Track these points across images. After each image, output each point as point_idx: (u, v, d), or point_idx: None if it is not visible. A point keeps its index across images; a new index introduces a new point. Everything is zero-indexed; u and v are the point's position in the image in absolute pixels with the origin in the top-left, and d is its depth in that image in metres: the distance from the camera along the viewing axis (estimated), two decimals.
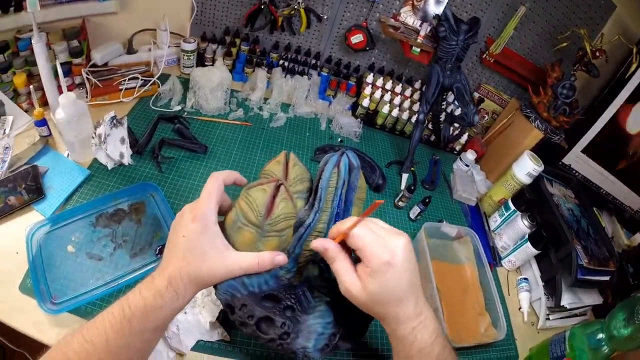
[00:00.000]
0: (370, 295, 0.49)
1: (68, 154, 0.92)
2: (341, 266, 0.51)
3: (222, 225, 0.55)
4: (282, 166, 0.60)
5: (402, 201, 1.00)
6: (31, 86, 0.95)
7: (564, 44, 1.16)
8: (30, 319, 0.65)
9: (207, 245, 0.51)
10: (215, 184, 0.53)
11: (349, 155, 0.58)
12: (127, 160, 0.90)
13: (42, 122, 0.91)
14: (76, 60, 1.04)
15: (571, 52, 1.18)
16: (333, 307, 0.59)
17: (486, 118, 1.34)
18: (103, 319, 0.48)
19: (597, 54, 1.08)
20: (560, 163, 1.25)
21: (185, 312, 0.68)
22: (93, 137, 0.89)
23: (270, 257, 0.53)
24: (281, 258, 0.54)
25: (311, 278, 0.60)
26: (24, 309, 0.65)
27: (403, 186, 1.06)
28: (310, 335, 0.56)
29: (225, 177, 0.55)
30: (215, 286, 0.55)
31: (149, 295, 0.48)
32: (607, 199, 1.37)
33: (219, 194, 0.53)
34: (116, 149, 0.89)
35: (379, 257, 0.48)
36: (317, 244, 0.53)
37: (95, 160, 0.91)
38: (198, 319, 0.69)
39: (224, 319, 0.69)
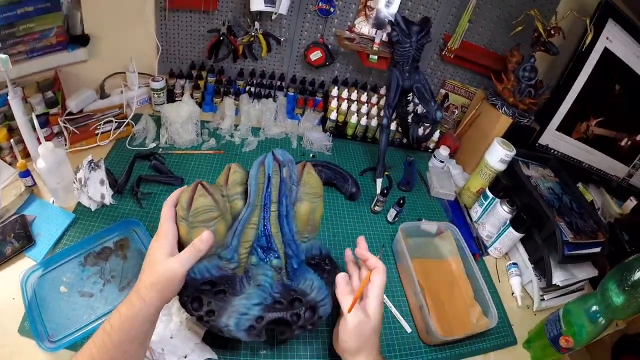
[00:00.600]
0: (347, 332, 0.62)
1: (53, 201, 0.95)
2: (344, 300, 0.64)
3: None
4: (224, 175, 0.69)
5: (377, 206, 1.02)
6: (12, 140, 0.97)
7: (519, 28, 1.18)
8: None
9: (161, 254, 0.60)
10: (167, 208, 0.65)
11: (274, 153, 0.67)
12: (108, 200, 0.93)
13: (25, 173, 0.94)
14: (52, 110, 1.07)
15: (528, 35, 1.20)
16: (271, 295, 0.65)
17: (456, 112, 1.36)
18: (89, 342, 0.55)
19: (553, 32, 1.10)
20: (537, 144, 1.27)
21: (172, 337, 0.70)
22: (74, 182, 0.91)
23: (198, 239, 0.61)
24: (206, 235, 0.62)
25: (251, 268, 0.67)
26: (24, 351, 0.67)
27: (378, 191, 1.08)
28: (232, 314, 0.61)
29: (173, 199, 0.66)
30: None
31: (123, 308, 0.56)
32: (590, 172, 1.38)
33: (172, 214, 0.64)
34: (97, 190, 0.92)
35: (375, 305, 0.63)
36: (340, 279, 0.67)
37: (78, 203, 0.93)
38: (184, 341, 0.70)
39: (211, 339, 0.71)
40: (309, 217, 0.70)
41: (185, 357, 0.69)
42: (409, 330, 0.82)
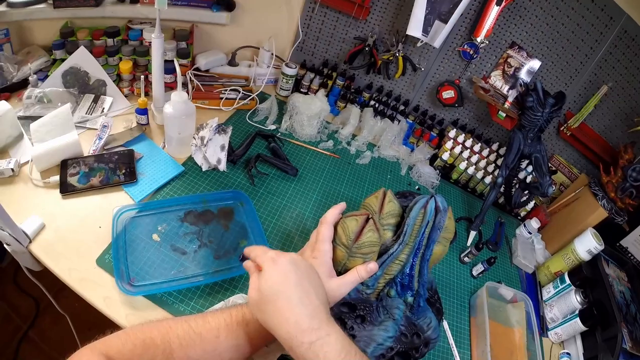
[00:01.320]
0: (258, 293, 0.51)
1: (164, 147, 0.97)
2: (252, 277, 0.55)
3: None
4: (379, 201, 0.72)
5: (468, 257, 1.06)
6: (142, 76, 1.02)
7: None
8: (102, 293, 0.68)
9: (322, 274, 0.61)
10: (328, 228, 0.65)
11: (436, 199, 0.70)
12: (222, 166, 0.95)
13: (144, 111, 0.97)
14: (182, 61, 1.11)
15: None
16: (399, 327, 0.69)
17: (554, 189, 1.38)
18: (217, 317, 0.55)
19: None
20: (618, 244, 1.28)
21: None
22: (194, 138, 0.94)
23: (364, 267, 0.64)
24: (372, 265, 0.64)
25: (386, 297, 0.71)
26: (97, 282, 0.69)
27: (469, 243, 1.12)
28: (371, 343, 0.65)
29: (332, 218, 0.66)
30: None
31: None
32: None
33: (331, 235, 0.65)
34: (215, 154, 0.94)
35: (266, 255, 0.54)
36: (247, 264, 0.60)
37: (190, 159, 0.95)
38: None
39: None
40: (439, 258, 0.74)
41: None
42: None
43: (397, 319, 0.69)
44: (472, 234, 1.13)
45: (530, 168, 1.28)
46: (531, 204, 1.28)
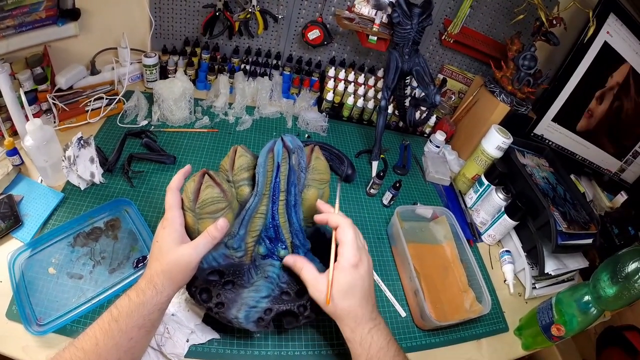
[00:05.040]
0: (337, 292, 0.59)
1: (41, 180, 0.92)
2: (309, 273, 0.61)
3: None
4: (230, 159, 0.67)
5: (373, 188, 1.00)
6: None
7: (521, 17, 1.17)
8: (19, 344, 0.65)
9: (172, 242, 0.59)
10: (172, 195, 0.62)
11: (284, 139, 0.64)
12: (98, 179, 0.90)
13: (13, 152, 0.91)
14: (41, 87, 1.03)
15: (529, 24, 1.19)
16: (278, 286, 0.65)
17: (453, 98, 1.35)
18: (93, 326, 0.54)
19: (555, 22, 1.09)
20: (532, 134, 1.27)
21: (173, 314, 0.70)
22: (63, 160, 0.89)
23: (214, 226, 0.61)
24: (221, 222, 0.61)
25: (258, 257, 0.66)
26: (11, 335, 0.66)
27: (374, 174, 1.07)
28: (242, 307, 0.61)
29: (176, 184, 0.63)
30: None
31: (132, 294, 0.55)
32: (583, 165, 1.39)
33: (178, 200, 0.62)
34: (86, 169, 0.89)
35: (351, 258, 0.59)
36: (288, 259, 0.64)
37: (67, 182, 0.91)
38: (186, 322, 0.69)
39: (211, 319, 0.70)
40: (315, 203, 0.68)
41: (191, 332, 0.68)
42: (403, 314, 0.82)
43: (271, 277, 0.63)
44: (375, 164, 1.07)
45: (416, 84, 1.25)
46: (433, 119, 1.24)
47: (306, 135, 1.15)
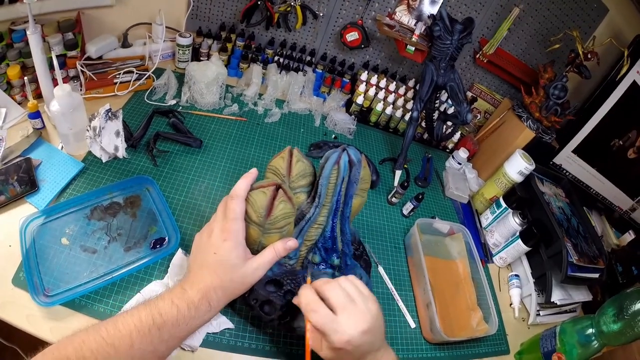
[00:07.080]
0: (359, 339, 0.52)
1: (62, 147, 0.91)
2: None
3: None
4: (285, 162, 0.64)
5: (395, 197, 1.01)
6: (25, 78, 0.92)
7: (557, 46, 1.17)
8: (24, 313, 0.64)
9: (237, 258, 0.56)
10: (239, 203, 0.57)
11: (349, 152, 0.62)
12: (121, 153, 0.89)
13: (35, 115, 0.90)
14: (71, 53, 1.03)
15: (563, 53, 1.20)
16: None
17: (478, 117, 1.36)
18: (127, 323, 0.49)
19: (589, 56, 1.09)
20: (551, 163, 1.27)
21: None
22: (88, 130, 0.88)
23: (283, 244, 0.59)
24: (291, 243, 0.60)
25: (312, 265, 0.65)
26: (17, 303, 0.64)
27: (396, 183, 1.07)
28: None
29: (243, 191, 0.58)
30: None
31: (183, 305, 0.51)
32: (596, 199, 1.39)
33: (243, 211, 0.58)
34: (111, 142, 0.88)
35: (336, 339, 0.51)
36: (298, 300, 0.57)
37: (89, 153, 0.90)
38: None
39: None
40: (358, 210, 0.68)
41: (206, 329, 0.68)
42: (412, 325, 0.83)
43: None
44: (398, 173, 1.08)
45: (449, 99, 1.25)
46: (457, 135, 1.25)
47: (333, 136, 1.15)
